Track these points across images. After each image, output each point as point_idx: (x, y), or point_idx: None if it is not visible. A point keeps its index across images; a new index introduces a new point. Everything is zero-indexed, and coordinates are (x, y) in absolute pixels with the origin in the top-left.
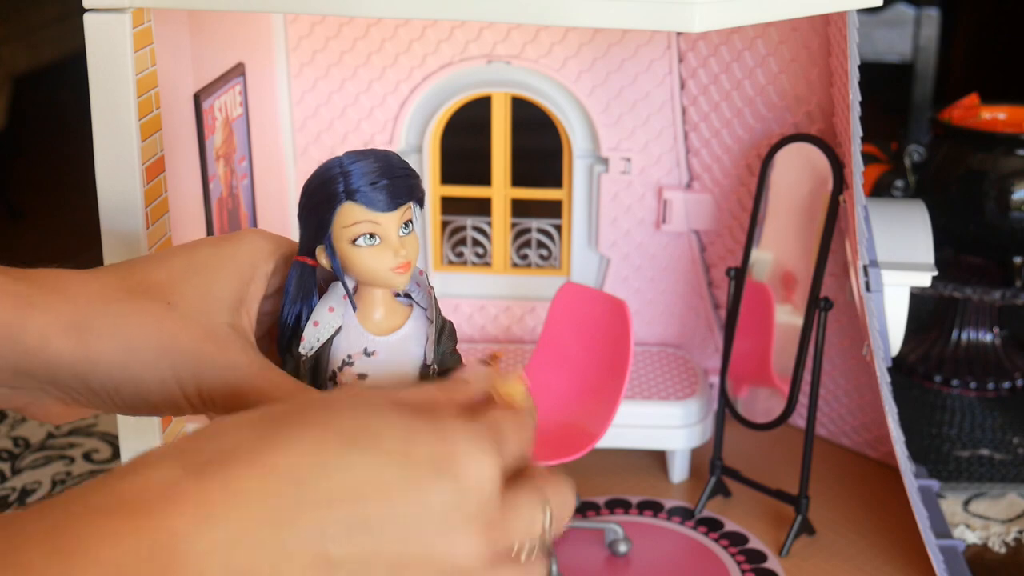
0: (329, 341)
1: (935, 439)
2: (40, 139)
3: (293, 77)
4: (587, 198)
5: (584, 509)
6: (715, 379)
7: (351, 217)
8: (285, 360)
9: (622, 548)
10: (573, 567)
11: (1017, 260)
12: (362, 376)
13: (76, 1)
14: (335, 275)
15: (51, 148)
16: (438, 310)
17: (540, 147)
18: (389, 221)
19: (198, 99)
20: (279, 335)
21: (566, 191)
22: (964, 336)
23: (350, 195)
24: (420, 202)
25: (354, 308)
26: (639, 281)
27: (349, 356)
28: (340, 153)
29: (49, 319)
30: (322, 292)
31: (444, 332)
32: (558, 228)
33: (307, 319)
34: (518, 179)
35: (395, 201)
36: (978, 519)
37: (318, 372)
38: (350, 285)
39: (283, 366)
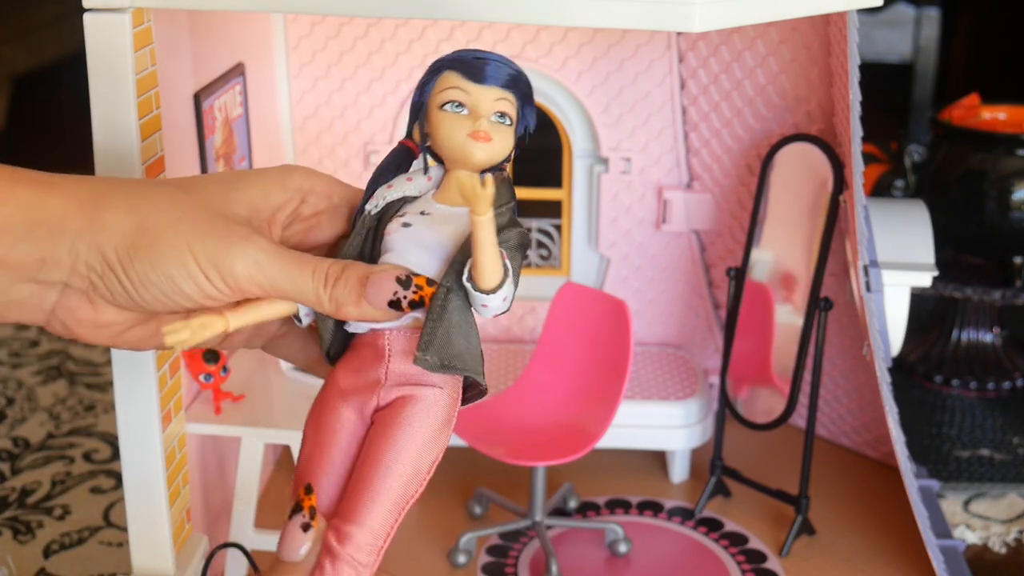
0: (398, 205)
1: (935, 439)
2: (40, 139)
3: (293, 77)
4: (587, 198)
5: (584, 509)
6: (715, 379)
7: (446, 82)
8: (355, 224)
9: (622, 548)
10: (573, 567)
11: (1017, 260)
12: (406, 224)
13: (76, 1)
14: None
15: (51, 148)
16: (504, 208)
17: (540, 147)
18: (481, 95)
19: (198, 99)
20: (361, 201)
21: (566, 191)
22: (964, 336)
23: (452, 64)
24: (523, 98)
25: (429, 176)
26: (639, 281)
27: (404, 213)
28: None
29: (68, 195)
30: None
31: (507, 231)
32: (558, 228)
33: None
34: (518, 179)
35: (491, 77)
36: (978, 519)
37: (377, 230)
38: (438, 172)
39: (351, 228)
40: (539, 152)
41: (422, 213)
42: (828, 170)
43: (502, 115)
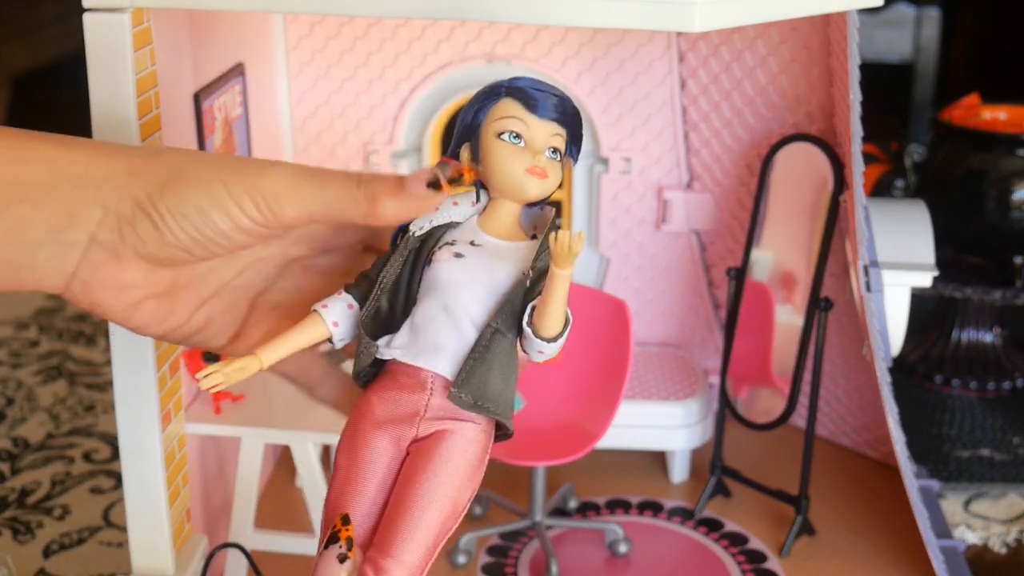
0: (443, 230)
1: (935, 439)
2: None
3: (293, 77)
4: (587, 198)
5: (584, 509)
6: (715, 379)
7: (505, 111)
8: (395, 243)
9: (622, 548)
10: (573, 567)
11: (1017, 260)
12: (459, 256)
13: (76, 1)
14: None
15: None
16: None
17: None
18: (539, 128)
19: (198, 99)
20: (400, 224)
21: (566, 191)
22: (964, 336)
23: (511, 92)
24: (573, 138)
25: (477, 202)
26: (639, 281)
27: (454, 241)
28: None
29: (92, 148)
30: None
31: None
32: (558, 228)
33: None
34: None
35: (551, 112)
36: (978, 519)
37: (420, 254)
38: (483, 199)
39: (391, 246)
40: None
41: (472, 243)
42: (828, 170)
43: (555, 150)
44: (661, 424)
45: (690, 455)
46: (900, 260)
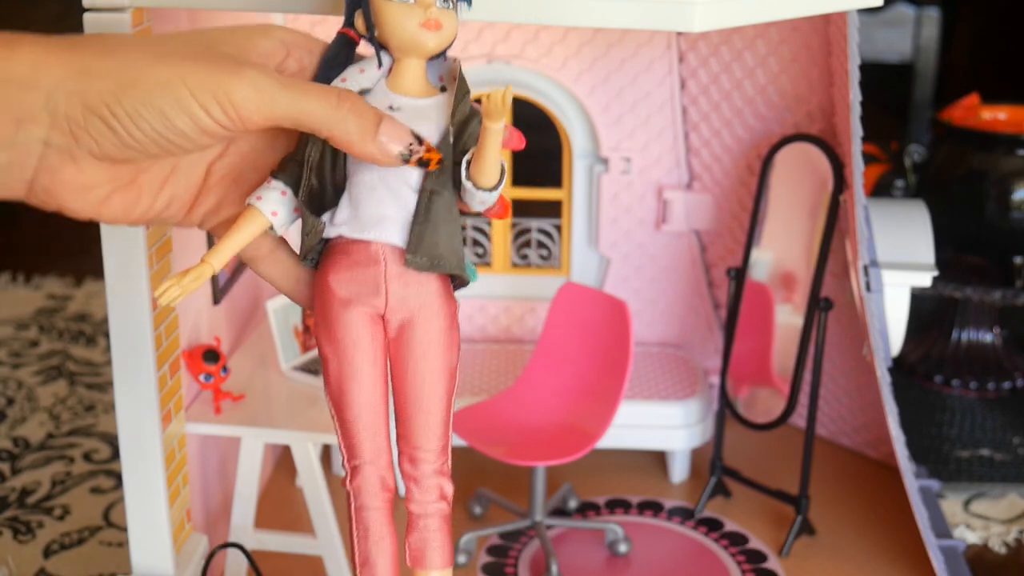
0: None
1: (935, 439)
2: None
3: None
4: (587, 198)
5: (584, 509)
6: (715, 379)
7: None
8: None
9: (622, 548)
10: (573, 567)
11: (1017, 260)
12: None
13: (76, 1)
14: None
15: None
16: (466, 97)
17: (540, 147)
18: None
19: None
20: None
21: (566, 191)
22: (964, 336)
23: None
24: None
25: (380, 66)
26: (639, 281)
27: None
28: None
29: (37, 47)
30: None
31: (473, 119)
32: (558, 228)
33: (335, 79)
34: (518, 179)
35: None
36: (978, 519)
37: None
38: (386, 61)
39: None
40: (539, 152)
41: (391, 108)
42: (828, 170)
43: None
44: (661, 424)
45: (690, 455)
46: (900, 260)
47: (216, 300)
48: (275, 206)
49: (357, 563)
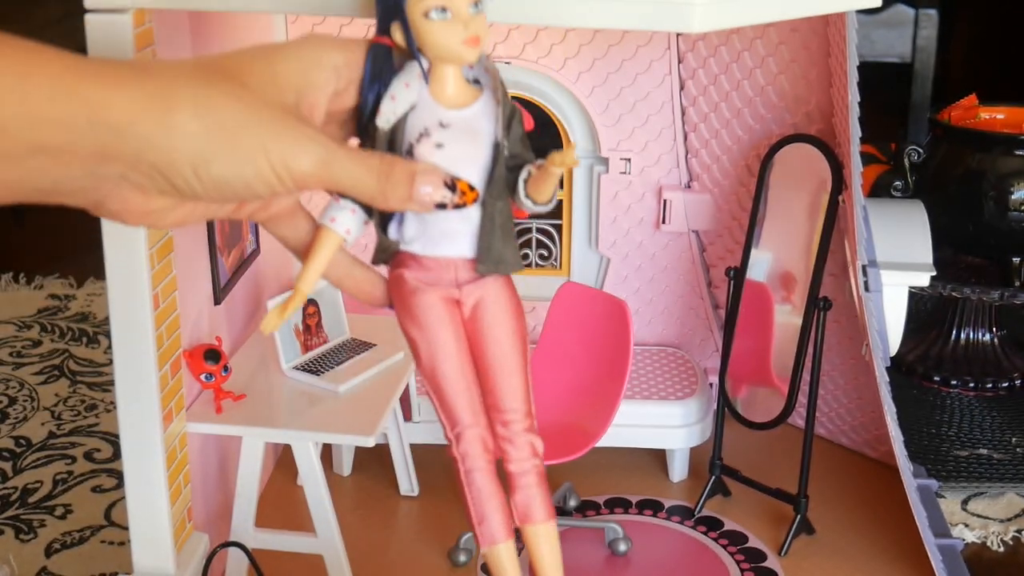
0: (405, 117)
1: (934, 439)
2: None
3: None
4: (587, 198)
5: (584, 508)
6: (715, 379)
7: None
8: (363, 140)
9: (622, 547)
10: (573, 566)
11: (1016, 260)
12: (439, 145)
13: (78, 1)
14: (410, 54)
15: None
16: (506, 94)
17: (540, 147)
18: None
19: None
20: (359, 117)
21: (566, 191)
22: (963, 336)
23: None
24: None
25: (426, 81)
26: (639, 281)
27: (425, 128)
28: None
29: (134, 93)
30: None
31: (514, 117)
32: (558, 228)
33: (385, 96)
34: None
35: None
36: (977, 518)
37: (394, 147)
38: (424, 64)
39: (362, 146)
40: (539, 152)
41: (441, 125)
42: (827, 170)
43: (477, 3)
44: (661, 423)
45: (689, 454)
46: (898, 260)
47: (217, 300)
48: (347, 224)
49: (474, 522)
